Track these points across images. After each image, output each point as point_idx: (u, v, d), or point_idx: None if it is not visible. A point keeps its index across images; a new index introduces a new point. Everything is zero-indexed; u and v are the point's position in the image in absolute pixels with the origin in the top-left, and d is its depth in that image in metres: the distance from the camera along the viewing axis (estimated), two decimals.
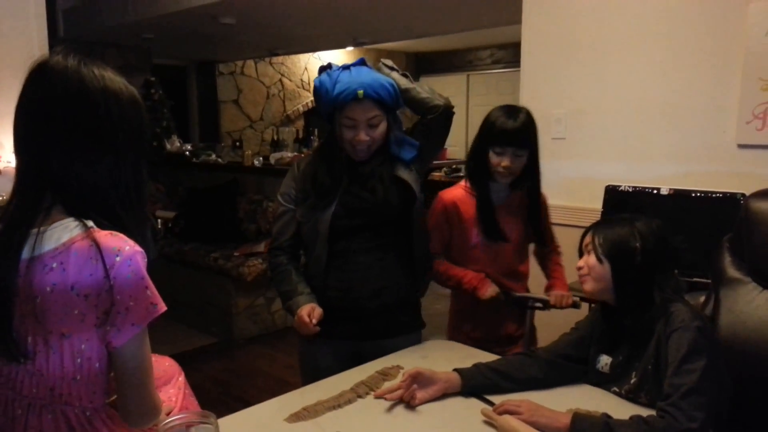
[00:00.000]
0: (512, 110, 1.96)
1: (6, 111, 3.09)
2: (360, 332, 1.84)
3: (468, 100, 8.61)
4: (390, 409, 1.48)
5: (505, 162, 1.92)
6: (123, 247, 0.98)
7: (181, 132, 5.75)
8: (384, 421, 1.43)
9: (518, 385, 1.56)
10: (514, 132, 1.91)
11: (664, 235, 1.47)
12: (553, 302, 2.03)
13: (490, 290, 2.02)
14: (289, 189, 1.82)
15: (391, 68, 1.85)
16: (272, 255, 1.84)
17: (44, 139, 1.00)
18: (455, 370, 1.57)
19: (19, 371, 1.01)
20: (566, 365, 1.60)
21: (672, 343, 1.34)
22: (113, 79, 1.04)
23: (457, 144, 8.47)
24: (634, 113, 2.61)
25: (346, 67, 1.71)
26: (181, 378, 1.49)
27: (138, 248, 1.00)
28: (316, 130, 5.80)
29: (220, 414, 1.35)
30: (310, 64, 7.47)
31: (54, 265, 0.97)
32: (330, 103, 1.68)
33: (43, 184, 1.01)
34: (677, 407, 1.24)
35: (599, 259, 1.49)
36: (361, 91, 1.63)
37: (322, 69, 1.76)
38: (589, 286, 1.53)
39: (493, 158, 1.94)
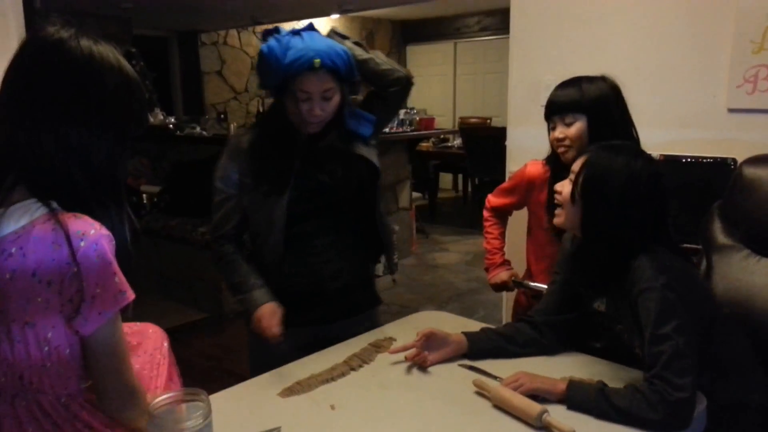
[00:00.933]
0: (571, 80, 1.74)
1: None
2: (322, 316, 1.75)
3: (455, 69, 8.53)
4: (383, 381, 1.47)
5: (556, 133, 1.73)
6: (88, 231, 0.93)
7: (164, 104, 5.64)
8: (378, 393, 1.42)
9: (522, 348, 1.56)
10: (561, 97, 1.72)
11: (655, 181, 1.36)
12: None
13: (500, 275, 1.97)
14: (229, 172, 1.64)
15: (343, 37, 1.70)
16: (217, 244, 1.67)
17: (15, 110, 0.96)
18: (463, 333, 1.58)
19: None
20: (561, 320, 1.57)
21: (641, 308, 1.29)
22: (104, 53, 0.99)
23: (446, 113, 8.42)
24: (624, 78, 2.55)
25: (296, 33, 1.55)
26: (166, 344, 1.46)
27: (104, 231, 0.95)
28: None
29: (213, 389, 1.34)
30: None
31: (13, 250, 0.92)
32: (280, 72, 1.51)
33: (7, 161, 0.97)
34: (663, 379, 1.22)
35: (573, 198, 1.40)
36: (318, 60, 1.47)
37: (268, 33, 1.58)
38: (559, 219, 1.47)
39: (550, 134, 1.77)
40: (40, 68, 0.96)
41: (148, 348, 1.34)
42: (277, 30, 1.58)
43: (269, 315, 1.57)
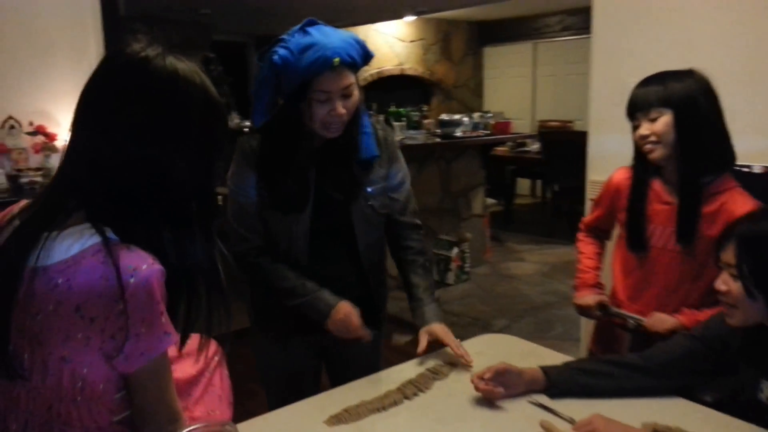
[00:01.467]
0: (656, 75, 1.60)
1: (60, 90, 3.08)
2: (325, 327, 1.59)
3: (535, 70, 8.24)
4: (440, 414, 1.34)
5: (640, 131, 1.58)
6: (140, 266, 0.86)
7: (240, 108, 5.73)
8: (432, 428, 1.29)
9: (616, 392, 1.38)
10: (644, 93, 1.58)
11: None
12: (648, 325, 1.61)
13: (586, 297, 1.78)
14: (246, 180, 1.52)
15: None
16: (250, 256, 1.54)
17: (92, 128, 0.92)
18: (542, 368, 1.41)
19: (17, 384, 0.92)
20: (684, 377, 1.38)
21: None
22: (189, 74, 0.94)
23: (524, 117, 8.15)
24: (718, 81, 2.32)
25: (303, 32, 1.41)
26: (216, 357, 1.38)
27: (157, 266, 0.88)
28: (374, 105, 5.64)
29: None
30: (370, 36, 7.27)
31: (60, 281, 0.86)
32: (297, 78, 1.39)
33: (76, 183, 0.92)
34: None
35: (749, 293, 1.20)
36: (337, 59, 1.36)
37: (266, 49, 1.45)
38: (734, 320, 1.28)
39: (634, 134, 1.61)
40: (123, 87, 0.92)
41: (197, 359, 1.27)
42: (278, 40, 1.44)
43: (352, 312, 1.51)
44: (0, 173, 2.73)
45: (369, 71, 7.34)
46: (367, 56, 1.48)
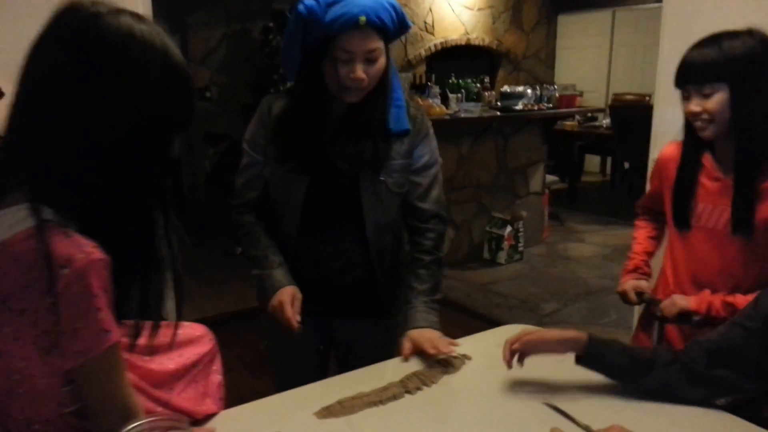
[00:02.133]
0: (710, 38, 1.40)
1: None
2: (331, 309, 1.56)
3: (612, 40, 7.77)
4: (442, 412, 1.23)
5: (691, 106, 1.41)
6: (75, 255, 0.78)
7: None
8: (429, 427, 1.19)
9: (647, 385, 1.25)
10: (696, 60, 1.39)
11: None
12: (662, 308, 1.51)
13: (623, 284, 1.66)
14: (257, 137, 1.50)
15: None
16: (237, 212, 1.55)
17: (34, 95, 0.84)
18: (589, 335, 1.29)
19: None
20: (731, 384, 1.22)
21: None
22: (148, 34, 0.85)
23: (597, 90, 7.73)
24: None
25: None
26: (216, 360, 1.32)
27: (97, 256, 0.79)
28: (433, 76, 5.46)
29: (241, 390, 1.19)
30: (435, 5, 7.03)
31: None
32: (320, 32, 1.32)
33: (17, 157, 0.84)
34: None
35: None
36: (363, 17, 1.28)
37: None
38: None
39: (684, 106, 1.44)
40: (69, 45, 0.83)
41: (186, 352, 1.21)
42: None
43: (289, 300, 1.41)
44: None
45: (433, 41, 7.12)
46: (402, 25, 1.40)
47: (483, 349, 1.48)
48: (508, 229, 4.45)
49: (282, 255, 1.51)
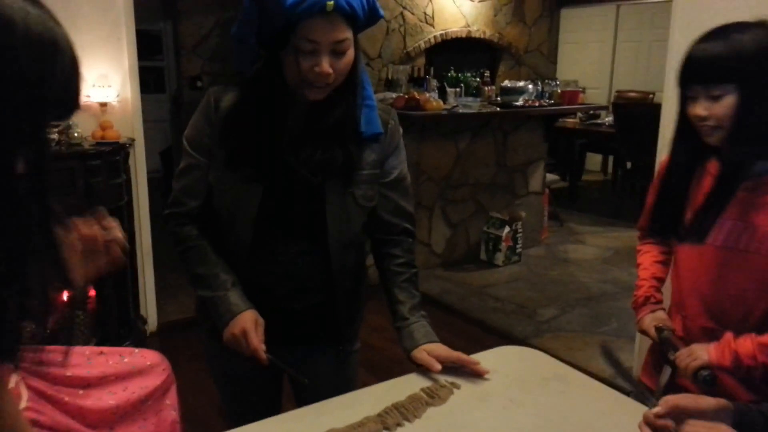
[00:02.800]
0: (717, 30, 1.24)
1: (85, 40, 2.90)
2: (282, 336, 1.34)
3: (616, 35, 7.58)
4: None
5: (697, 110, 1.24)
6: None
7: None
8: None
9: None
10: (702, 56, 1.22)
11: None
12: (678, 360, 1.30)
13: (642, 322, 1.45)
14: (201, 135, 1.28)
15: None
16: (175, 222, 1.32)
17: None
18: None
19: None
20: None
21: None
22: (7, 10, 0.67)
23: (601, 86, 7.55)
24: None
25: None
26: (172, 392, 1.16)
27: None
28: (432, 69, 5.29)
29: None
30: None
31: None
32: (280, 17, 1.14)
33: None
34: None
35: None
36: (331, 2, 1.11)
37: None
38: None
39: (688, 107, 1.28)
40: None
41: (132, 385, 1.05)
42: None
43: (252, 328, 1.23)
44: None
45: (433, 33, 6.94)
46: (373, 14, 1.22)
47: (474, 375, 1.31)
48: (506, 229, 4.29)
49: (233, 274, 1.32)
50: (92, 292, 2.84)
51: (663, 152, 2.46)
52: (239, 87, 1.29)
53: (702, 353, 1.25)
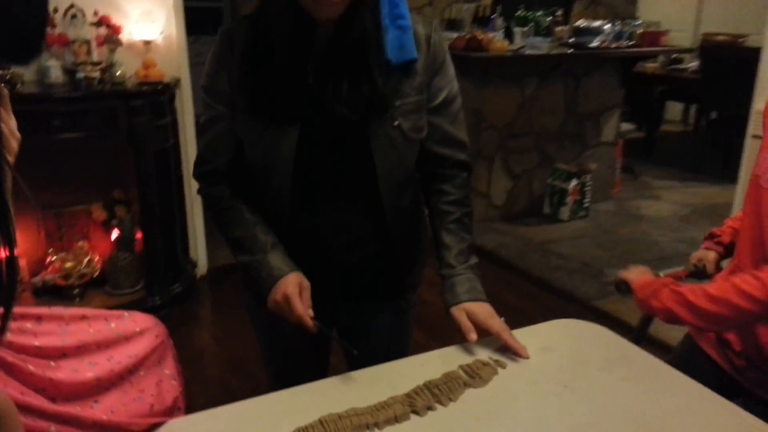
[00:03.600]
0: None
1: None
2: (336, 292, 1.24)
3: None
4: None
5: None
6: None
7: None
8: None
9: None
10: None
11: None
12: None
13: (694, 254, 1.49)
14: (219, 81, 1.11)
15: None
16: (205, 183, 1.20)
17: None
18: None
19: None
20: None
21: None
22: None
23: (686, 28, 6.92)
24: None
25: None
26: (168, 361, 1.03)
27: None
28: (499, 8, 4.91)
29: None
30: None
31: None
32: None
33: None
34: None
35: None
36: None
37: None
38: None
39: None
40: None
41: (117, 354, 0.93)
42: None
43: (296, 293, 1.08)
44: (55, 66, 2.51)
45: None
46: None
47: (527, 350, 1.13)
48: (574, 182, 3.99)
49: (273, 233, 1.18)
50: (139, 234, 2.80)
51: (759, 101, 2.13)
52: (249, 21, 1.10)
53: (634, 275, 1.30)
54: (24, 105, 2.31)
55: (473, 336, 1.13)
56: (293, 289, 1.08)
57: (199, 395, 2.26)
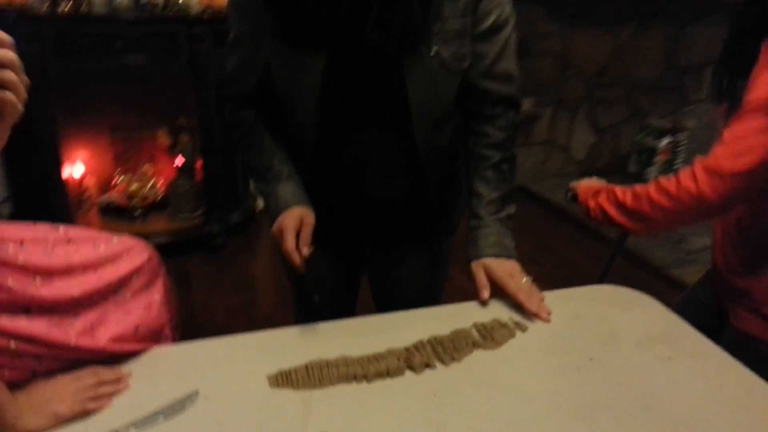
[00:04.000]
0: None
1: None
2: (364, 232, 1.16)
3: None
4: (447, 412, 0.80)
5: None
6: None
7: None
8: (419, 427, 0.77)
9: None
10: None
11: None
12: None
13: None
14: (245, 3, 1.01)
15: None
16: (231, 105, 1.10)
17: None
18: None
19: None
20: None
21: None
22: None
23: None
24: None
25: None
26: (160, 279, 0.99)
27: None
28: None
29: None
30: None
31: None
32: None
33: None
34: None
35: None
36: None
37: None
38: None
39: None
40: None
41: (106, 274, 0.89)
42: None
43: (293, 227, 1.00)
44: None
45: None
46: None
47: (553, 317, 1.01)
48: (666, 139, 3.65)
49: (293, 164, 1.11)
50: (199, 163, 2.81)
51: None
52: None
53: (583, 184, 1.25)
54: (90, 26, 2.32)
55: (486, 294, 1.02)
56: (290, 222, 1.00)
57: (243, 323, 2.28)
